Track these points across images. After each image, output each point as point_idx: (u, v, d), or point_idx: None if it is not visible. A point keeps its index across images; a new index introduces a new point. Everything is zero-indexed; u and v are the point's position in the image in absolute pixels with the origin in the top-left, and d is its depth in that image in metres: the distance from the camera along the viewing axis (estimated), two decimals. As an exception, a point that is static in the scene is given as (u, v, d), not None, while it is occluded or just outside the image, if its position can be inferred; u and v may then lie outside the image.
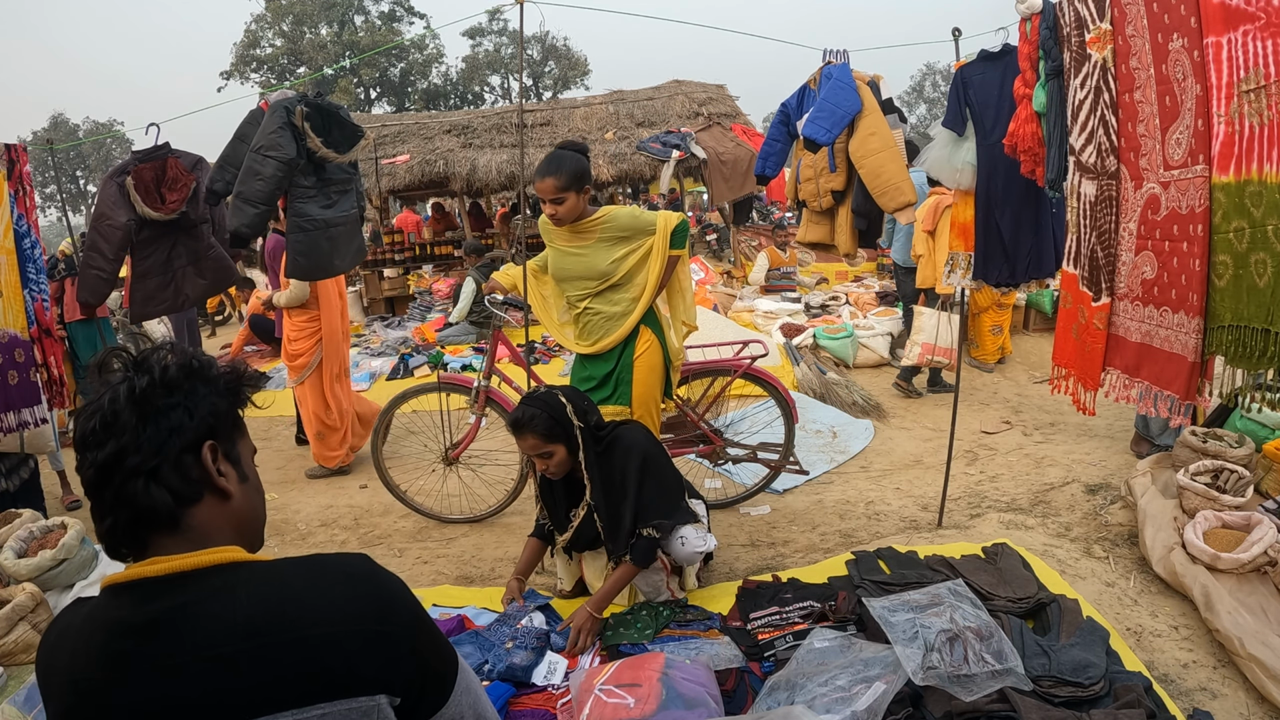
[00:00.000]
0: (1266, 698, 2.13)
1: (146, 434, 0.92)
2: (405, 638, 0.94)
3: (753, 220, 11.71)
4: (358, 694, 0.88)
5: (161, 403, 0.94)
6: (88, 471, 0.93)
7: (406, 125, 11.12)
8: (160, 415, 0.93)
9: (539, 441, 2.49)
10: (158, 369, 0.96)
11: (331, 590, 0.92)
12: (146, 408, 0.93)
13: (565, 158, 2.78)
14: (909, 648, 2.06)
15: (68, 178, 38.23)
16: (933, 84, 44.19)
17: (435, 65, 36.30)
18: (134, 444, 0.91)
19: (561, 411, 2.50)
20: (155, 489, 0.92)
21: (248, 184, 3.23)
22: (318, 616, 0.89)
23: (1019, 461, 4.14)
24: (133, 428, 0.92)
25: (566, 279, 2.98)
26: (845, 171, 3.11)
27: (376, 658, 0.90)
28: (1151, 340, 2.28)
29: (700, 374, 3.57)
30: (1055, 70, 2.46)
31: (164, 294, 3.50)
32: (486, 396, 3.51)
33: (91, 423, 0.93)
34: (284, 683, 0.85)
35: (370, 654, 0.90)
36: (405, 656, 0.93)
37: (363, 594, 0.93)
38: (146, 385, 0.94)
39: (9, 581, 2.83)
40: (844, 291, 8.00)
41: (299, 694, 0.85)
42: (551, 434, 2.49)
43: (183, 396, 0.96)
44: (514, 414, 2.52)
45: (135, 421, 0.92)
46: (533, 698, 2.22)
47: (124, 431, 0.92)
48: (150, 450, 0.92)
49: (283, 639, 0.87)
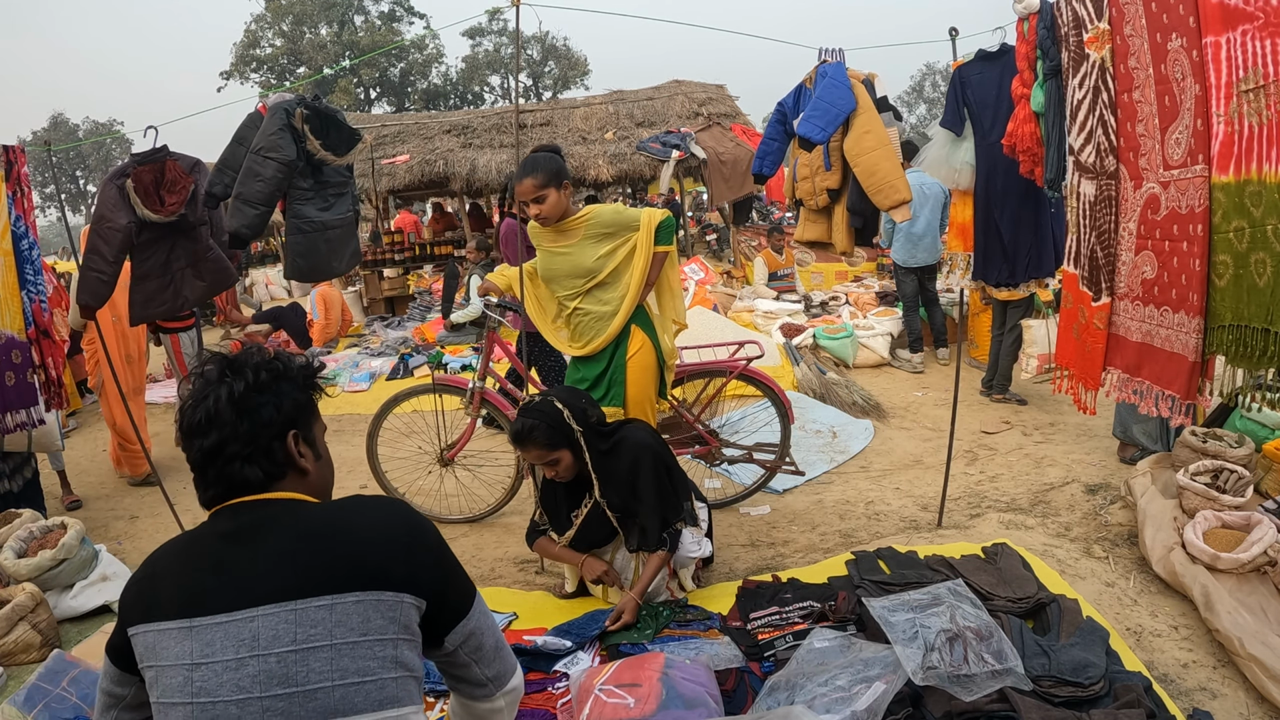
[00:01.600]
0: (1266, 698, 2.13)
1: (243, 427, 1.17)
2: (429, 552, 1.21)
3: (752, 220, 11.71)
4: (386, 588, 1.13)
5: (254, 402, 1.18)
6: (195, 455, 1.18)
7: (406, 125, 11.13)
8: (254, 412, 1.18)
9: (543, 451, 2.51)
10: (250, 374, 1.20)
11: (372, 512, 1.21)
12: (243, 406, 1.17)
13: (539, 158, 2.85)
14: (909, 648, 2.06)
15: (67, 178, 38.23)
16: (932, 84, 44.18)
17: (435, 65, 36.31)
18: (233, 435, 1.16)
19: (559, 418, 2.51)
20: (250, 469, 1.18)
21: (248, 185, 3.23)
22: (358, 526, 1.18)
23: (1019, 461, 4.14)
24: (232, 422, 1.16)
25: (555, 279, 3.00)
26: (840, 170, 3.10)
27: (404, 563, 1.16)
28: (1152, 340, 2.28)
29: (696, 375, 3.56)
30: (1053, 70, 2.46)
31: (164, 295, 3.49)
32: (482, 398, 3.52)
33: (198, 415, 1.17)
34: (329, 572, 1.12)
35: (398, 559, 1.16)
36: (429, 567, 1.20)
37: (397, 518, 1.22)
38: (243, 389, 1.18)
39: (9, 581, 2.83)
40: (844, 291, 8.00)
41: (339, 582, 1.11)
42: (553, 442, 2.50)
43: (271, 395, 1.20)
44: (514, 427, 2.53)
45: (234, 417, 1.17)
46: (533, 697, 2.22)
47: (225, 426, 1.16)
48: (246, 440, 1.17)
49: (329, 541, 1.15)
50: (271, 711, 1.06)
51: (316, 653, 1.08)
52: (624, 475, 2.56)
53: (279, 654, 1.07)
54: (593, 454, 2.56)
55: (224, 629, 1.08)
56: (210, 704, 1.06)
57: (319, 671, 1.08)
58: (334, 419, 5.73)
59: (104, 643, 1.23)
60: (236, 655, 1.07)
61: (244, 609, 1.09)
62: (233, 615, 1.09)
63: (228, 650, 1.08)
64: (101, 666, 1.25)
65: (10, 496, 3.69)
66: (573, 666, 2.32)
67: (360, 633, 1.10)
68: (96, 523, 4.12)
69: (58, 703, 2.21)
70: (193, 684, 1.07)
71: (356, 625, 1.10)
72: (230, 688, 1.06)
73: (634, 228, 2.91)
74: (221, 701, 1.06)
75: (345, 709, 1.08)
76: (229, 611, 1.09)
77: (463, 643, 1.25)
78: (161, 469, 3.81)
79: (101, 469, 5.12)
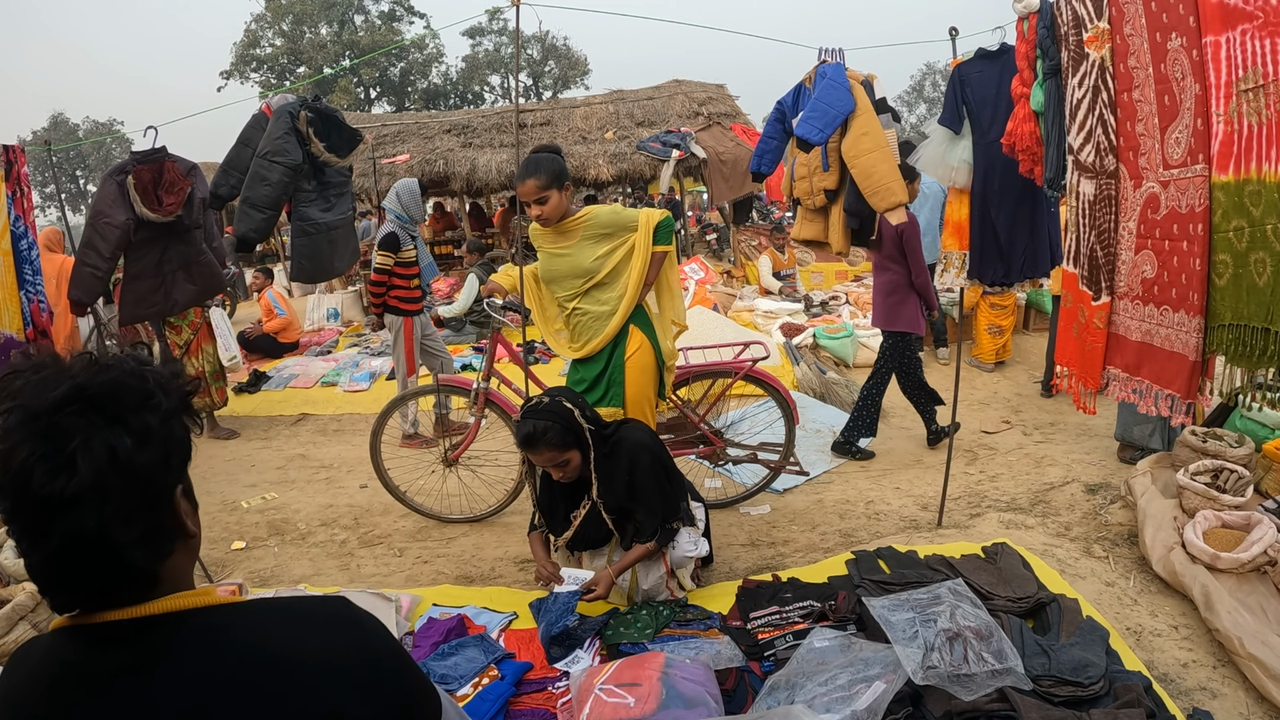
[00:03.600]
0: (1266, 697, 2.13)
1: (133, 500, 0.79)
2: (391, 681, 0.90)
3: (753, 220, 11.71)
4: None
5: (146, 458, 0.80)
6: (53, 545, 0.76)
7: (406, 125, 11.12)
8: (146, 475, 0.80)
9: (555, 453, 2.50)
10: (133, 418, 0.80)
11: (315, 637, 0.87)
12: (129, 468, 0.78)
13: (542, 159, 2.85)
14: (909, 647, 2.06)
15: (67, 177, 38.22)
16: (932, 83, 44.15)
17: (435, 65, 36.30)
18: (119, 513, 0.77)
19: (570, 417, 2.52)
20: (138, 554, 0.80)
21: (255, 189, 3.25)
22: (300, 659, 0.84)
23: (1019, 461, 4.14)
24: (119, 491, 0.77)
25: (555, 279, 3.00)
26: (838, 170, 3.11)
27: (364, 702, 0.85)
28: (1152, 339, 2.28)
29: (702, 375, 3.57)
30: (1053, 69, 2.46)
31: (154, 297, 3.51)
32: (486, 398, 3.51)
33: (58, 484, 0.74)
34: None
35: (357, 698, 0.85)
36: (391, 698, 0.89)
37: (346, 641, 0.88)
38: (132, 445, 0.79)
39: (9, 581, 2.83)
40: (844, 291, 8.00)
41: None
42: (565, 443, 2.50)
43: (161, 444, 0.82)
44: (524, 430, 2.51)
45: (120, 484, 0.77)
46: (533, 697, 2.22)
47: (109, 499, 0.77)
48: (140, 519, 0.80)
49: (266, 688, 0.81)
50: None
51: None
52: (622, 475, 2.57)
53: None
54: (596, 455, 2.56)
55: None
56: None
57: None
58: (334, 419, 5.73)
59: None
60: None
61: None
62: None
63: None
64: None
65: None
66: (573, 666, 2.33)
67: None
68: (96, 522, 4.11)
69: (58, 702, 2.21)
70: None
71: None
72: None
73: (632, 228, 2.92)
74: None
75: None
76: None
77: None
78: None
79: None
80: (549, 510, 2.74)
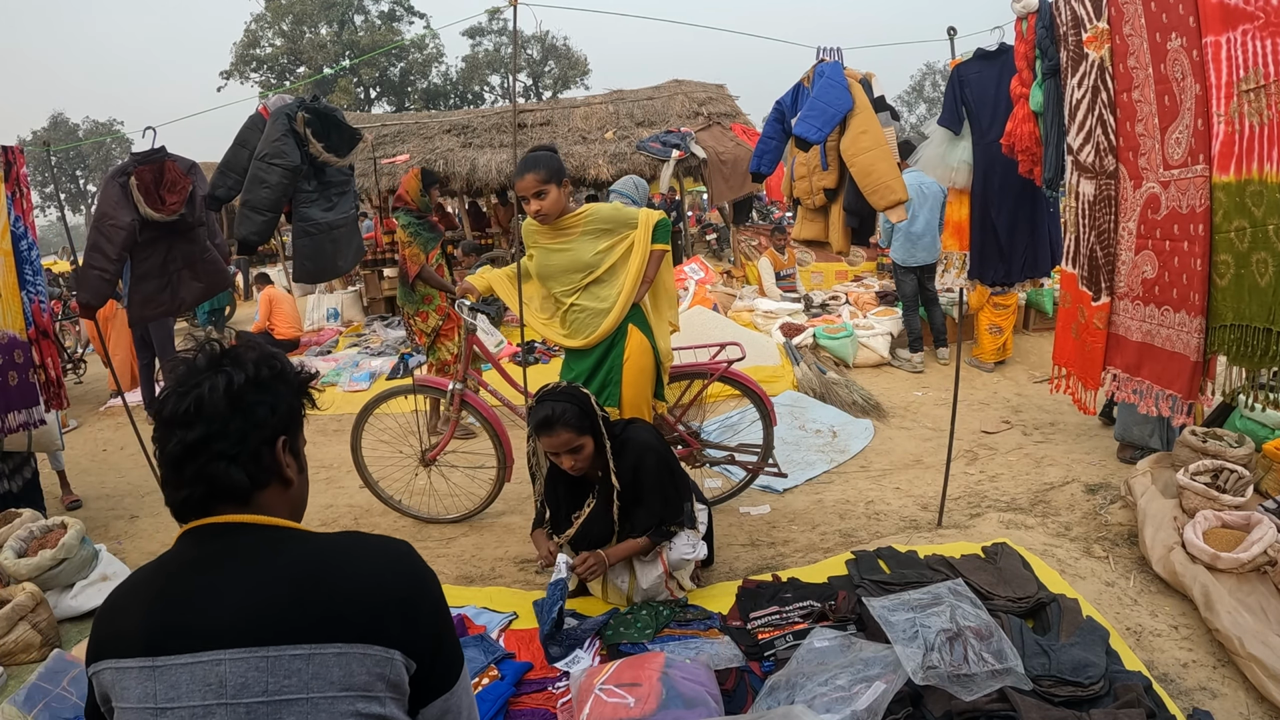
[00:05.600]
0: (1266, 697, 2.13)
1: (235, 424, 1.06)
2: (430, 616, 1.09)
3: (753, 220, 11.71)
4: (376, 643, 1.01)
5: (251, 399, 1.07)
6: (174, 448, 1.05)
7: (406, 125, 11.12)
8: (249, 410, 1.07)
9: (573, 435, 2.47)
10: (251, 368, 1.09)
11: (372, 559, 1.08)
12: (239, 402, 1.06)
13: (540, 156, 2.87)
14: (909, 647, 2.06)
15: (67, 177, 38.23)
16: (932, 83, 44.16)
17: (435, 65, 36.30)
18: (222, 431, 1.05)
19: (587, 401, 2.53)
20: (235, 471, 1.06)
21: (254, 192, 3.24)
22: (353, 574, 1.05)
23: (1019, 461, 4.14)
24: (224, 416, 1.05)
25: (552, 275, 3.00)
26: (837, 169, 3.10)
27: (401, 621, 1.04)
28: (1152, 339, 2.28)
29: (678, 377, 3.54)
30: (1052, 69, 2.45)
31: (161, 296, 3.51)
32: (462, 399, 3.50)
33: (185, 404, 1.04)
34: (311, 620, 1.00)
35: (395, 615, 1.04)
36: (426, 630, 1.07)
37: (400, 570, 1.09)
38: (243, 382, 1.07)
39: (9, 581, 2.83)
40: (844, 291, 8.00)
41: (321, 631, 1.00)
42: (582, 426, 2.49)
43: (269, 395, 1.10)
44: (542, 412, 2.47)
45: (227, 411, 1.05)
46: (533, 697, 2.22)
47: (215, 419, 1.04)
48: (236, 439, 1.06)
49: (317, 586, 1.03)
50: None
51: (290, 706, 0.98)
52: (627, 475, 2.57)
53: (248, 704, 0.97)
54: (613, 446, 2.57)
55: (189, 670, 0.99)
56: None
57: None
58: (334, 419, 5.73)
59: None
60: (203, 702, 0.98)
61: (210, 650, 0.99)
62: (198, 656, 0.99)
63: (194, 695, 0.98)
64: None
65: (10, 496, 3.69)
66: (573, 666, 2.33)
67: (341, 687, 1.00)
68: (96, 522, 4.12)
69: (58, 702, 2.21)
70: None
71: (337, 679, 0.99)
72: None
73: (632, 225, 2.93)
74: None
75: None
76: (194, 652, 0.99)
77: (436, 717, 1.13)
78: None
79: (101, 469, 5.12)
80: (553, 508, 2.74)
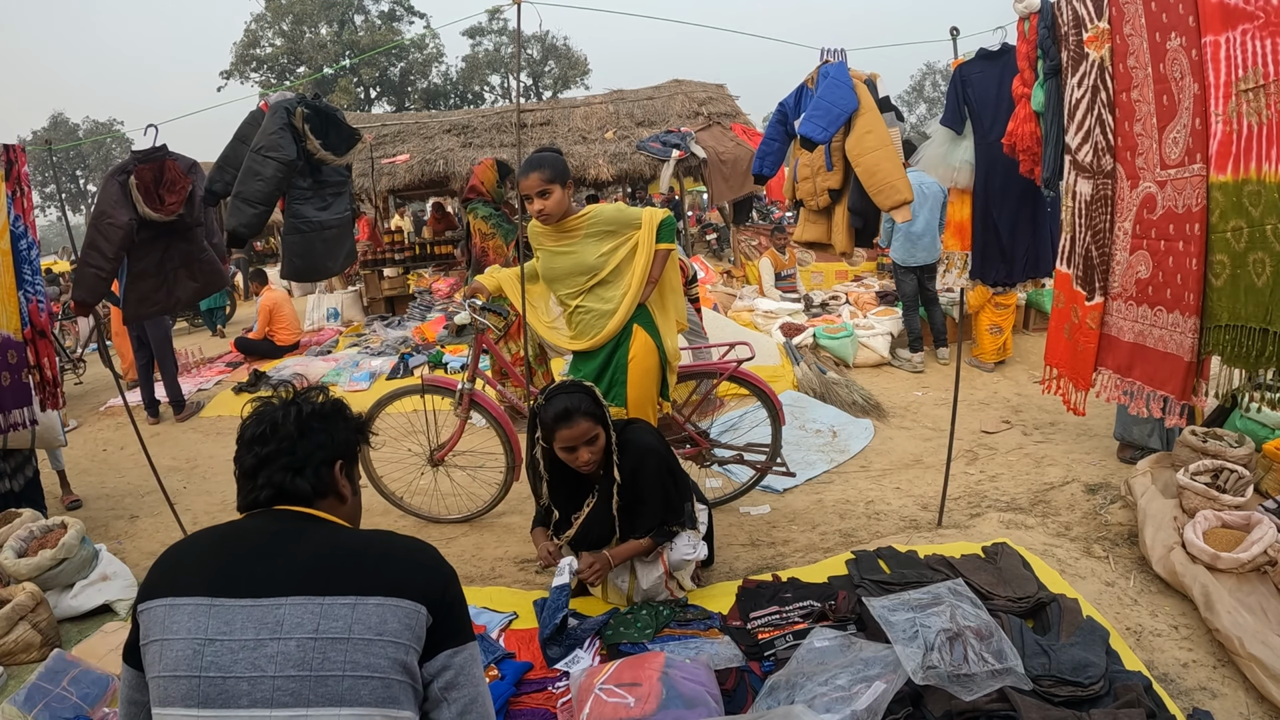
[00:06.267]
0: (1266, 697, 2.13)
1: (300, 444, 1.34)
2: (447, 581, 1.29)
3: (753, 220, 11.70)
4: (405, 596, 1.21)
5: (314, 425, 1.37)
6: (250, 460, 1.33)
7: (406, 125, 11.12)
8: (312, 434, 1.36)
9: (590, 424, 2.46)
10: (317, 404, 1.40)
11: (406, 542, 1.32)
12: (304, 427, 1.35)
13: (545, 156, 2.87)
14: (909, 647, 2.06)
15: (67, 177, 38.23)
16: (933, 83, 44.18)
17: (435, 65, 36.30)
18: (290, 448, 1.33)
19: (594, 392, 2.54)
20: (300, 481, 1.32)
21: (247, 184, 3.24)
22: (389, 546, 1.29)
23: (1019, 461, 4.14)
24: (291, 436, 1.34)
25: (557, 278, 3.00)
26: (841, 170, 3.10)
27: (423, 577, 1.25)
28: (1145, 340, 2.28)
29: (687, 376, 3.55)
30: (1053, 69, 2.46)
31: (157, 295, 3.50)
32: (470, 399, 3.50)
33: (261, 428, 1.35)
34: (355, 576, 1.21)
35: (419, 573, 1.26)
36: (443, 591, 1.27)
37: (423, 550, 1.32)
38: (309, 412, 1.37)
39: (9, 581, 2.84)
40: (844, 291, 8.00)
41: (364, 585, 1.20)
42: (598, 417, 2.50)
43: (328, 424, 1.39)
44: (559, 406, 2.44)
45: (295, 433, 1.34)
46: (533, 697, 2.22)
47: (284, 438, 1.33)
48: (301, 455, 1.34)
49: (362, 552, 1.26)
50: (281, 691, 1.13)
51: (334, 644, 1.15)
52: (627, 476, 2.57)
53: (299, 639, 1.15)
54: (619, 440, 2.58)
55: (248, 612, 1.17)
56: (220, 679, 1.13)
57: (334, 661, 1.14)
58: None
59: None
60: (256, 636, 1.15)
61: (273, 596, 1.18)
62: (259, 601, 1.17)
63: (248, 630, 1.15)
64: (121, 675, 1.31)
65: (10, 496, 3.69)
66: (573, 666, 2.33)
67: (376, 632, 1.17)
68: (96, 522, 4.12)
69: (58, 702, 2.22)
70: (203, 658, 1.14)
71: (374, 625, 1.17)
72: (245, 665, 1.13)
73: (635, 225, 2.93)
74: (233, 678, 1.13)
75: (351, 699, 1.14)
76: (257, 597, 1.18)
77: (439, 673, 1.23)
78: (161, 469, 3.81)
79: (101, 469, 5.12)
80: (552, 511, 2.74)
